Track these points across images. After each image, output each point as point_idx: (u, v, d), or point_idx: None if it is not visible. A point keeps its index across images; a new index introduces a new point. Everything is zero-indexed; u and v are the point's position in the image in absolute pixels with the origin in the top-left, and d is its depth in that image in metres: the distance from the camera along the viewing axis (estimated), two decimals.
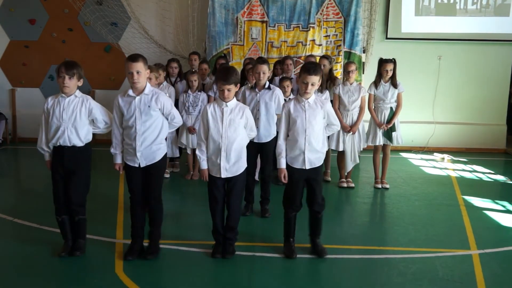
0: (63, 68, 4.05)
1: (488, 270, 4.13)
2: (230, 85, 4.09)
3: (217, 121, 4.15)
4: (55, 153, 4.16)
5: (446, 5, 8.95)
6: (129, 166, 4.16)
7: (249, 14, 8.60)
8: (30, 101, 9.44)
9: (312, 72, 4.11)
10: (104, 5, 8.94)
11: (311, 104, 4.20)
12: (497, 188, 7.00)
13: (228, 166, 4.17)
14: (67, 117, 4.08)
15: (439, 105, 9.15)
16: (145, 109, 4.04)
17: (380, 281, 3.98)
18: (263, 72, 5.29)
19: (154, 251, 4.25)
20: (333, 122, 4.33)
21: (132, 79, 3.99)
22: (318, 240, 4.38)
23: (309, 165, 4.20)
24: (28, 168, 7.97)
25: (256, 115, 5.25)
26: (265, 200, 5.43)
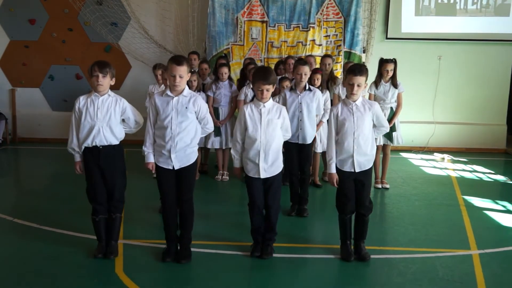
0: (96, 67, 4.04)
1: (488, 270, 4.13)
2: (269, 85, 4.10)
3: (255, 121, 4.16)
4: (89, 154, 4.11)
5: (446, 5, 8.95)
6: (162, 168, 4.12)
7: (249, 14, 8.60)
8: (30, 101, 9.45)
9: (357, 72, 4.06)
10: (104, 5, 8.94)
11: (359, 107, 4.16)
12: (497, 188, 7.00)
13: (267, 166, 4.19)
14: (102, 116, 4.06)
15: (439, 105, 9.15)
16: (182, 110, 4.02)
17: (380, 281, 3.98)
18: (305, 74, 5.29)
19: (187, 255, 4.22)
20: (382, 124, 4.29)
21: (174, 82, 3.97)
22: (363, 244, 4.33)
23: (358, 168, 4.17)
24: (28, 168, 7.97)
25: (298, 117, 5.31)
26: (304, 200, 5.48)
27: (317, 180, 6.55)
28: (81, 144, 4.09)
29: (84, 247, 4.42)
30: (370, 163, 4.25)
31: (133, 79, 9.23)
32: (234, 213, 5.49)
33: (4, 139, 9.06)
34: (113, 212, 4.22)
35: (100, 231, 4.26)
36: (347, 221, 4.31)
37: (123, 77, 9.22)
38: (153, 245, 4.50)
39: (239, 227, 4.97)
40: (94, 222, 4.24)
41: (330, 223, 5.23)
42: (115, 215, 4.23)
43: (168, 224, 4.24)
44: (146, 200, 5.94)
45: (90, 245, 4.42)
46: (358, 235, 4.34)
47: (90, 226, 4.39)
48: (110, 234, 4.26)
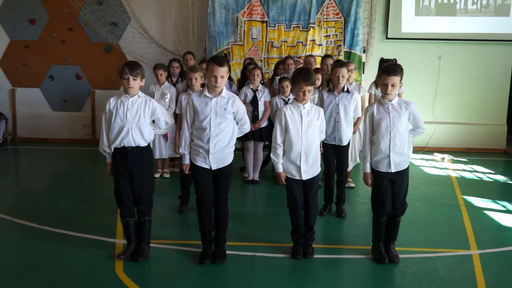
0: (127, 69, 4.00)
1: (488, 270, 4.12)
2: (311, 86, 4.10)
3: (296, 123, 4.15)
4: (117, 155, 4.09)
5: (446, 5, 8.95)
6: (199, 167, 4.09)
7: (249, 14, 8.60)
8: (30, 101, 9.46)
9: (391, 72, 4.05)
10: (104, 5, 8.95)
11: (395, 106, 4.14)
12: (497, 188, 7.00)
13: (307, 167, 4.20)
14: (131, 117, 4.03)
15: (439, 105, 9.15)
16: (220, 111, 4.00)
17: (380, 281, 3.98)
18: (342, 76, 5.26)
19: (224, 255, 4.20)
20: (419, 125, 4.25)
21: (216, 83, 3.95)
22: (393, 245, 4.31)
23: (394, 168, 4.14)
24: (28, 168, 7.97)
25: (335, 118, 5.30)
26: (341, 200, 5.48)
27: None
28: (110, 144, 4.08)
29: (84, 247, 4.42)
30: (407, 163, 4.20)
31: None
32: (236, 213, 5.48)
33: (4, 139, 9.06)
34: (141, 215, 4.19)
35: (129, 233, 4.22)
36: (382, 224, 4.26)
37: None
38: (153, 245, 4.48)
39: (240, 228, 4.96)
40: (122, 224, 4.24)
41: (330, 223, 5.24)
42: (144, 218, 4.19)
43: (204, 225, 4.19)
44: None
45: (90, 245, 4.42)
46: (389, 236, 4.31)
47: (91, 225, 4.40)
48: (141, 237, 4.23)
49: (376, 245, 4.31)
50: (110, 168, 4.18)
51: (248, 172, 6.67)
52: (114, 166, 4.14)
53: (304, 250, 4.30)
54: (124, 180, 4.11)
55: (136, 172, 4.10)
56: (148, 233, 4.26)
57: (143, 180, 4.14)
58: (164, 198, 5.68)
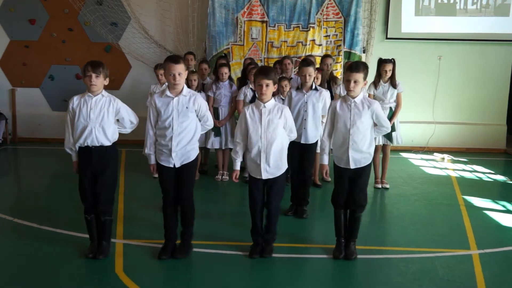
0: (90, 67, 4.04)
1: (488, 270, 4.13)
2: (269, 80, 4.08)
3: (256, 122, 4.16)
4: (82, 154, 4.12)
5: (446, 5, 8.95)
6: (163, 166, 4.16)
7: (249, 14, 8.59)
8: (30, 101, 9.45)
9: (354, 69, 4.09)
10: (104, 5, 8.94)
11: (358, 104, 4.17)
12: (497, 188, 7.00)
13: (268, 167, 4.18)
14: (95, 117, 4.04)
15: (439, 105, 9.15)
16: (182, 110, 4.06)
17: (380, 281, 3.98)
18: (309, 75, 5.28)
19: (185, 250, 4.28)
20: (382, 124, 4.28)
21: (174, 81, 4.01)
22: (352, 243, 4.34)
23: (353, 165, 4.18)
24: (28, 168, 7.97)
25: (303, 116, 5.31)
26: (304, 201, 5.44)
27: (317, 180, 6.55)
28: (75, 143, 4.11)
29: (84, 247, 4.41)
30: (367, 161, 4.23)
31: (133, 79, 9.23)
32: (234, 213, 5.49)
33: (4, 139, 9.06)
34: (101, 215, 4.19)
35: (92, 231, 4.26)
36: (340, 216, 4.33)
37: (123, 77, 9.21)
38: (153, 245, 4.49)
39: (239, 227, 4.96)
40: (86, 221, 4.25)
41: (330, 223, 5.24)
42: (104, 218, 4.20)
43: (168, 222, 4.28)
44: (146, 200, 5.93)
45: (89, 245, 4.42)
46: (350, 233, 4.34)
47: None
48: (101, 235, 4.25)
49: (337, 240, 4.37)
50: (76, 166, 4.20)
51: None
52: (79, 164, 4.17)
53: (262, 249, 4.29)
54: (87, 177, 4.13)
55: (99, 171, 4.11)
56: (109, 232, 4.28)
57: (105, 179, 4.14)
58: None
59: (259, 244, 4.33)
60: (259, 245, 4.32)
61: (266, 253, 4.28)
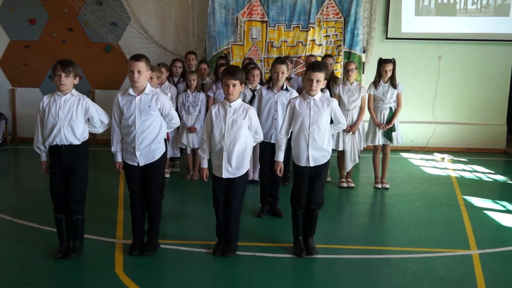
0: (59, 66, 4.02)
1: (488, 270, 4.13)
2: (236, 81, 4.09)
3: (220, 121, 4.16)
4: (52, 152, 4.13)
5: (446, 5, 8.95)
6: (128, 164, 4.20)
7: (249, 14, 8.60)
8: (30, 101, 9.43)
9: (316, 69, 4.13)
10: (104, 5, 8.94)
11: (317, 102, 4.21)
12: (497, 188, 7.00)
13: (230, 167, 4.18)
14: (63, 116, 4.05)
15: (439, 105, 9.15)
16: (145, 109, 4.09)
17: (380, 281, 3.98)
18: (282, 72, 5.24)
19: (152, 247, 4.29)
20: (340, 121, 4.35)
21: (132, 78, 4.04)
22: (311, 239, 4.37)
23: (313, 163, 4.20)
24: (28, 168, 7.96)
25: (273, 115, 5.28)
26: (275, 200, 5.42)
27: None
28: (44, 142, 4.12)
29: (84, 247, 4.41)
30: (326, 158, 4.26)
31: None
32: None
33: (4, 139, 9.06)
34: (73, 214, 4.16)
35: (61, 230, 4.23)
36: (299, 217, 4.32)
37: (123, 77, 9.20)
38: None
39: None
40: (55, 220, 4.23)
41: (330, 223, 5.24)
42: (76, 217, 4.17)
43: (134, 219, 4.31)
44: None
45: (90, 245, 4.42)
46: (307, 230, 4.35)
47: (89, 225, 4.39)
48: (74, 235, 4.22)
49: (296, 239, 4.36)
50: (44, 166, 4.22)
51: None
52: (50, 162, 4.18)
53: (224, 247, 4.29)
54: (57, 177, 4.14)
55: (69, 170, 4.11)
56: (81, 231, 4.26)
57: (75, 178, 4.12)
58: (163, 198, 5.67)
59: (222, 242, 4.33)
60: (222, 243, 4.32)
61: (229, 251, 4.26)
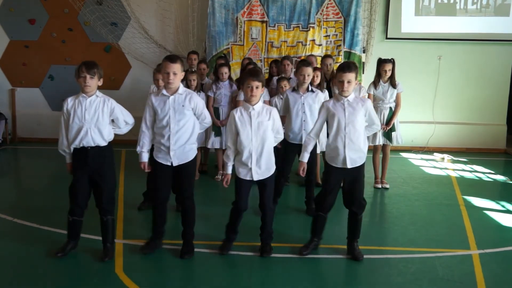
0: (84, 67, 4.03)
1: (488, 270, 4.13)
2: (259, 82, 4.08)
3: (246, 125, 4.14)
4: (78, 155, 4.10)
5: (446, 5, 8.95)
6: (160, 164, 4.17)
7: (249, 14, 8.59)
8: (30, 101, 9.45)
9: (346, 69, 4.08)
10: (104, 5, 8.94)
11: (351, 102, 4.16)
12: (497, 188, 7.00)
13: (259, 169, 4.18)
14: (90, 117, 4.04)
15: (439, 105, 9.15)
16: (179, 108, 4.10)
17: (380, 281, 3.98)
18: (308, 75, 5.28)
19: (189, 250, 4.30)
20: (374, 121, 4.29)
21: (168, 79, 4.05)
22: (356, 243, 4.34)
23: (350, 164, 4.15)
24: (28, 168, 7.96)
25: (302, 117, 5.32)
26: (311, 200, 5.43)
27: (318, 179, 6.56)
28: (70, 145, 4.09)
29: (84, 247, 4.41)
30: (362, 160, 4.22)
31: (133, 79, 9.22)
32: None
33: (4, 139, 9.06)
34: (104, 215, 4.19)
35: (72, 231, 4.25)
36: (323, 219, 4.35)
37: (123, 77, 9.21)
38: None
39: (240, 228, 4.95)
40: (68, 221, 4.23)
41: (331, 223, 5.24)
42: (106, 217, 4.20)
43: (156, 220, 4.31)
44: None
45: (90, 245, 4.42)
46: (351, 234, 4.34)
47: (90, 225, 4.40)
48: (105, 237, 4.24)
49: (312, 238, 4.40)
50: (70, 167, 4.20)
51: None
52: (73, 164, 4.15)
53: (261, 248, 4.32)
54: (83, 179, 4.12)
55: (96, 171, 4.10)
56: (113, 233, 4.28)
57: (104, 179, 4.13)
58: None
59: (231, 241, 4.38)
60: (231, 242, 4.38)
61: (266, 252, 4.30)
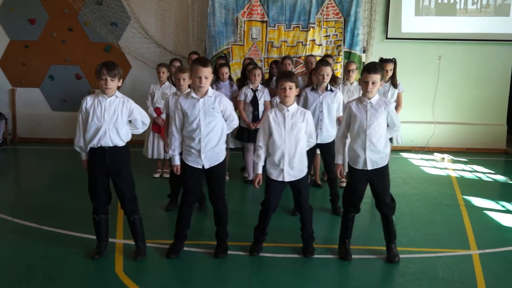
0: (105, 69, 4.02)
1: (488, 270, 4.13)
2: (292, 83, 4.12)
3: (279, 125, 4.16)
4: (95, 154, 4.09)
5: (446, 5, 8.95)
6: (190, 167, 4.17)
7: (249, 14, 8.60)
8: (30, 101, 9.45)
9: (372, 70, 4.05)
10: (104, 5, 8.94)
11: (374, 105, 4.13)
12: (497, 188, 6.99)
13: (291, 170, 4.19)
14: (109, 118, 4.03)
15: (439, 105, 9.15)
16: (209, 111, 4.09)
17: (380, 281, 3.98)
18: (327, 74, 5.35)
19: (223, 249, 4.32)
20: (395, 124, 4.26)
21: (200, 83, 4.04)
22: (393, 245, 4.31)
23: (371, 166, 4.14)
24: (28, 168, 7.96)
25: (319, 116, 5.37)
26: (336, 198, 5.54)
27: (318, 180, 6.55)
28: (87, 144, 4.08)
29: (84, 247, 4.42)
30: (384, 161, 4.19)
31: (133, 79, 9.23)
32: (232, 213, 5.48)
33: (4, 139, 9.06)
34: (130, 214, 4.22)
35: (100, 231, 4.24)
36: (350, 220, 4.34)
37: (123, 77, 9.18)
38: (153, 245, 4.49)
39: (240, 227, 4.96)
40: (94, 221, 4.22)
41: (331, 223, 5.24)
42: (133, 217, 4.22)
43: (182, 221, 4.28)
44: (146, 200, 5.91)
45: (90, 245, 4.42)
46: (387, 236, 4.32)
47: (90, 225, 4.39)
48: (135, 236, 4.26)
49: (342, 242, 4.36)
50: (86, 164, 4.18)
51: (248, 172, 6.67)
52: (90, 164, 4.14)
53: (304, 249, 4.35)
54: (101, 178, 4.12)
55: (115, 171, 4.11)
56: (141, 231, 4.28)
57: (123, 178, 4.15)
58: (164, 198, 5.68)
59: (260, 242, 4.38)
60: (259, 244, 4.37)
61: (309, 253, 4.32)
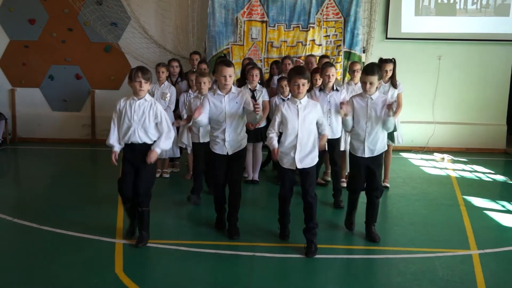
0: (140, 73, 4.38)
1: (488, 270, 4.13)
2: (305, 80, 4.35)
3: (292, 116, 4.39)
4: (127, 149, 4.49)
5: (446, 5, 8.95)
6: (217, 154, 4.69)
7: (249, 14, 8.60)
8: (30, 101, 9.45)
9: (370, 72, 4.50)
10: (104, 5, 8.95)
11: (374, 101, 4.58)
12: (497, 188, 7.00)
13: (302, 157, 4.39)
14: (138, 119, 4.41)
15: (439, 105, 9.15)
16: (234, 106, 4.60)
17: (380, 281, 3.98)
18: (332, 75, 5.71)
19: (236, 233, 4.71)
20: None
21: (225, 82, 4.55)
22: (373, 227, 4.74)
23: (369, 154, 4.61)
24: (28, 168, 7.96)
25: (327, 115, 5.72)
26: (338, 191, 5.81)
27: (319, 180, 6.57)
28: (121, 140, 4.49)
29: (84, 247, 4.42)
30: (380, 151, 4.67)
31: None
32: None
33: (4, 139, 9.06)
34: (140, 206, 4.50)
35: (131, 214, 4.65)
36: (355, 200, 4.85)
37: (123, 77, 9.20)
38: (153, 245, 4.50)
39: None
40: (126, 210, 4.68)
41: (330, 224, 5.24)
42: (142, 209, 4.50)
43: (219, 201, 4.83)
44: None
45: (90, 245, 4.42)
46: (370, 218, 4.74)
47: (91, 225, 4.41)
48: (141, 225, 4.55)
49: (349, 214, 4.93)
50: (114, 156, 4.49)
51: (248, 172, 6.67)
52: (123, 158, 4.51)
53: (306, 249, 4.36)
54: (129, 170, 4.49)
55: (141, 165, 4.43)
56: (147, 222, 4.58)
57: (146, 173, 4.47)
58: (164, 199, 5.68)
59: (286, 226, 4.69)
60: (286, 228, 4.68)
61: (311, 253, 4.34)
